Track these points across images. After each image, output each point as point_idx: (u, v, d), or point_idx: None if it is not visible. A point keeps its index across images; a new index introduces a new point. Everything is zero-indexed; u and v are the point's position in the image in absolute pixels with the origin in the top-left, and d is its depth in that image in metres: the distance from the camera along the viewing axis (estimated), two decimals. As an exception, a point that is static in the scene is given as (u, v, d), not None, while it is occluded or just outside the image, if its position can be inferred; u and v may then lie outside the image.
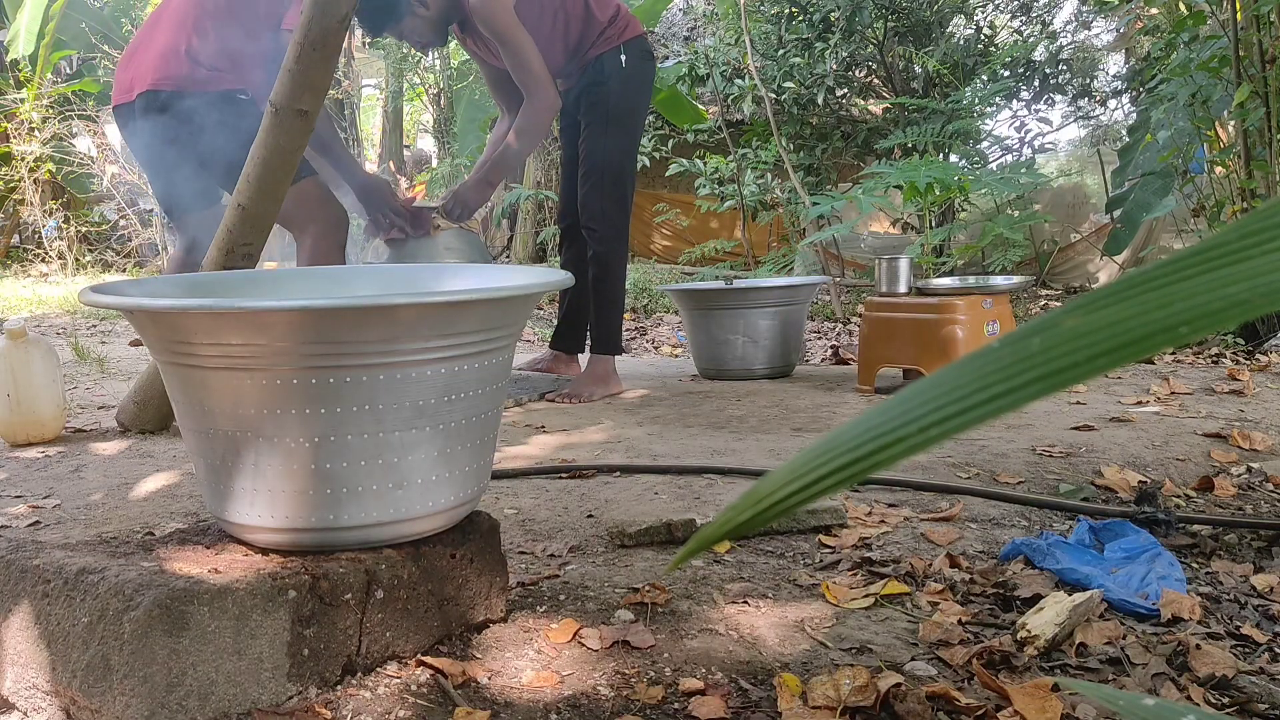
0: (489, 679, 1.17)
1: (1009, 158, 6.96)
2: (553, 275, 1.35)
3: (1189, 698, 1.15)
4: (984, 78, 6.60)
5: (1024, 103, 7.16)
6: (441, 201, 3.03)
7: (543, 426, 2.63)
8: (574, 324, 3.37)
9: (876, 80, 7.65)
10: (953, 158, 6.41)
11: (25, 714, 1.10)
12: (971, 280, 3.32)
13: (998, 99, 6.62)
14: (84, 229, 9.47)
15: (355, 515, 1.15)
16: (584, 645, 1.25)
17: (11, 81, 9.00)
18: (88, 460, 2.30)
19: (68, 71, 9.94)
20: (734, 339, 3.42)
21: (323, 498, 1.14)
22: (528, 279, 1.33)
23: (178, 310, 1.12)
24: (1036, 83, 7.01)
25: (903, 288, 3.13)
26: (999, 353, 0.25)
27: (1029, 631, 1.27)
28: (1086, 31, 8.46)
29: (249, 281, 1.49)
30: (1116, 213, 5.83)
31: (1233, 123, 4.51)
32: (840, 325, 5.66)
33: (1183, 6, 4.82)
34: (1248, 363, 3.59)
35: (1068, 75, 7.20)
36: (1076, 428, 2.46)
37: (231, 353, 1.09)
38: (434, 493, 1.20)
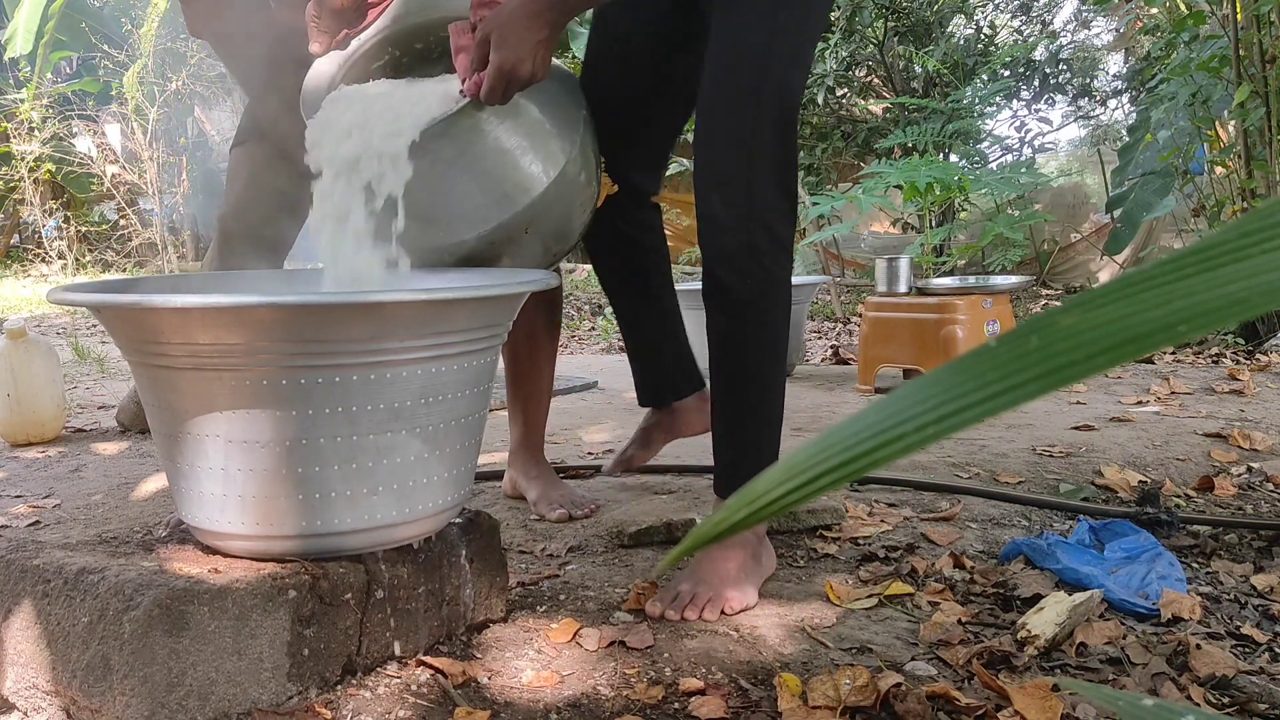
0: (489, 679, 1.17)
1: (1009, 157, 6.97)
2: (539, 273, 1.29)
3: (1189, 698, 1.15)
4: (984, 77, 6.60)
5: (1024, 102, 7.17)
6: (467, 71, 1.31)
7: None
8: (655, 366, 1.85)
9: (876, 80, 7.65)
10: (953, 157, 6.41)
11: (25, 714, 1.10)
12: (971, 280, 3.32)
13: (998, 99, 6.62)
14: (84, 229, 9.47)
15: (329, 522, 1.11)
16: (584, 645, 1.25)
17: (11, 81, 9.00)
18: (88, 460, 2.30)
19: (68, 71, 9.94)
20: (734, 339, 3.40)
21: (294, 504, 1.10)
22: (517, 276, 1.30)
23: (145, 307, 1.08)
24: (1036, 82, 7.02)
25: (903, 288, 3.13)
26: (997, 351, 0.25)
27: (1029, 631, 1.26)
28: (1086, 31, 8.47)
29: (231, 280, 1.44)
30: (1116, 212, 5.84)
31: (1233, 122, 4.51)
32: (840, 325, 5.66)
33: (1183, 6, 4.82)
34: (1248, 362, 3.59)
35: (1068, 75, 7.20)
36: (1076, 427, 2.46)
37: (200, 352, 1.06)
38: (411, 499, 1.15)
